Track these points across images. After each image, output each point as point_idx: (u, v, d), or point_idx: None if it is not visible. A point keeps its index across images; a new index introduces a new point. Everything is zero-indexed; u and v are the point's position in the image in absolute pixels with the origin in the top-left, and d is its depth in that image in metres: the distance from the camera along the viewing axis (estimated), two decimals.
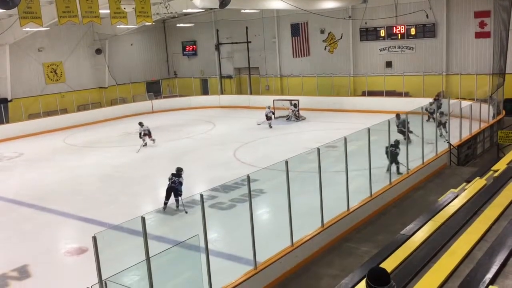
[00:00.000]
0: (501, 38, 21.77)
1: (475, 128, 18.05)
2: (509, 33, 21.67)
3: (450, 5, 25.88)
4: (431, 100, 22.13)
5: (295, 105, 26.30)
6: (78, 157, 21.13)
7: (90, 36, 32.62)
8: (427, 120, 19.23)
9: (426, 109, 19.50)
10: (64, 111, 30.26)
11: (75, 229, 13.08)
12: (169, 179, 13.09)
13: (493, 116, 20.09)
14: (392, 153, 13.93)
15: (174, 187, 12.91)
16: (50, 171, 18.96)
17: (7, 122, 27.45)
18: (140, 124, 21.74)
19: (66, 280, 10.13)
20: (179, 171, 13.21)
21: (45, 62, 30.54)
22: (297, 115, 26.23)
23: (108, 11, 18.01)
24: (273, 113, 25.10)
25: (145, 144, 21.23)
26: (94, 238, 6.47)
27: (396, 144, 14.32)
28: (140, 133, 21.43)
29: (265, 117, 24.55)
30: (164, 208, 12.92)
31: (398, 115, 18.15)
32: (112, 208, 14.08)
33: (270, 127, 24.35)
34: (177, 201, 12.96)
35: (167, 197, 13.01)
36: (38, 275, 10.41)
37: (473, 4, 24.97)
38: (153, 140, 21.71)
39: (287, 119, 26.22)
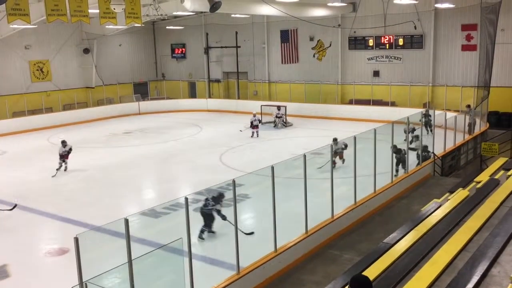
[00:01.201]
0: (487, 52, 22.05)
1: (459, 140, 18.24)
2: (495, 46, 21.97)
3: (438, 17, 26.21)
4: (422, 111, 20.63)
5: (278, 108, 26.16)
6: None
7: (78, 35, 32.37)
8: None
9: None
10: (50, 110, 29.91)
11: (57, 229, 12.92)
12: (205, 200, 11.25)
13: (469, 126, 19.81)
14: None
15: (205, 212, 11.24)
16: (33, 170, 18.73)
17: None
18: (63, 143, 18.35)
19: (46, 281, 10.00)
20: (221, 197, 11.11)
21: (31, 60, 30.20)
22: (284, 121, 26.25)
23: (98, 10, 17.88)
24: (260, 121, 24.26)
25: (66, 169, 18.16)
26: (76, 239, 6.40)
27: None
28: (60, 154, 18.15)
29: (250, 124, 23.77)
30: (200, 235, 11.24)
31: (335, 140, 16.48)
32: (95, 209, 13.93)
33: (252, 135, 23.33)
34: (202, 231, 11.30)
35: (208, 223, 11.26)
36: (18, 275, 10.26)
37: (461, 17, 25.31)
38: (65, 167, 18.20)
39: (274, 125, 26.20)
